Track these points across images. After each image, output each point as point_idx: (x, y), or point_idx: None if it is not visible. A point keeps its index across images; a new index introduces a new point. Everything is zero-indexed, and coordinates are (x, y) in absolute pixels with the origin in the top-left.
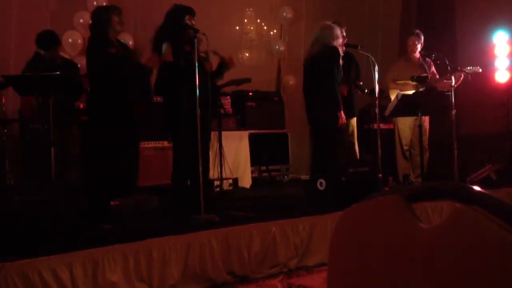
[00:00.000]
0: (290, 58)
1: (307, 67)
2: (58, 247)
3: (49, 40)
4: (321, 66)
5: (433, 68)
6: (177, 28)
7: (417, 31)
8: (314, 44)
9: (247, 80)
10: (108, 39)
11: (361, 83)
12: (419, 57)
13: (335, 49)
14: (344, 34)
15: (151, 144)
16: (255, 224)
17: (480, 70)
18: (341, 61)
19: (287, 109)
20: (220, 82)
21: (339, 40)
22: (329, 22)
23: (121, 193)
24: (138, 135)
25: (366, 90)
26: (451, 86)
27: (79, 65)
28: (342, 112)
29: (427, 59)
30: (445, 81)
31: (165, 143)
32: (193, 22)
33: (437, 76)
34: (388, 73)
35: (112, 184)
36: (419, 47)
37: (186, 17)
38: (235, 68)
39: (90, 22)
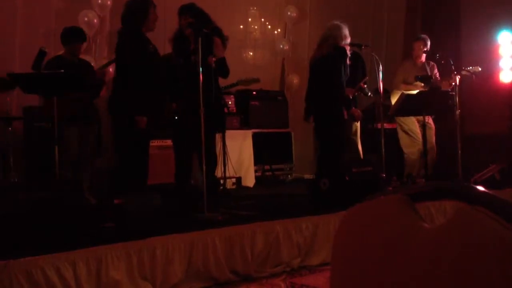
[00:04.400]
0: (294, 58)
1: (314, 67)
2: (62, 245)
3: (68, 36)
4: (329, 67)
5: (435, 71)
6: (178, 29)
7: (424, 35)
8: (323, 44)
9: (256, 80)
10: (144, 36)
11: (365, 85)
12: (422, 61)
13: (344, 50)
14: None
15: (155, 142)
16: (258, 223)
17: (480, 69)
18: (348, 61)
19: (290, 108)
20: (228, 82)
21: (347, 40)
22: (337, 22)
23: (128, 192)
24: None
25: (369, 94)
26: (451, 86)
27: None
28: (354, 108)
29: (430, 62)
30: (444, 82)
31: (169, 142)
32: (190, 20)
33: (439, 79)
34: (398, 76)
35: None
36: (424, 51)
37: (181, 17)
38: (239, 66)
39: (125, 12)
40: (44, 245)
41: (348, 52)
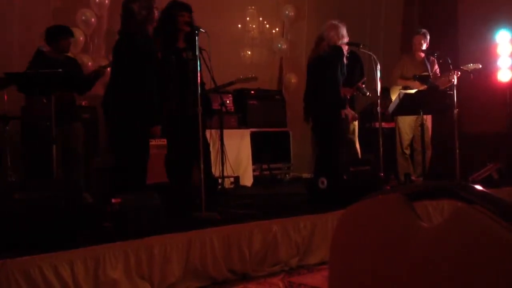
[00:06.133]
0: (292, 57)
1: (311, 66)
2: (60, 244)
3: (55, 33)
4: (326, 66)
5: (436, 67)
6: (169, 24)
7: (424, 30)
8: (319, 43)
9: (254, 79)
10: (151, 38)
11: (364, 85)
12: (423, 56)
13: (340, 49)
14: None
15: (153, 142)
16: (256, 222)
17: (480, 66)
18: (345, 61)
19: (288, 108)
20: (226, 81)
21: (344, 40)
22: (335, 21)
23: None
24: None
25: (368, 93)
26: (450, 82)
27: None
28: (348, 109)
29: (430, 57)
30: (443, 78)
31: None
32: (189, 19)
33: (439, 75)
34: (395, 70)
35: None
36: (424, 46)
37: (181, 13)
38: (237, 65)
39: (127, 10)
40: (42, 244)
41: (345, 52)
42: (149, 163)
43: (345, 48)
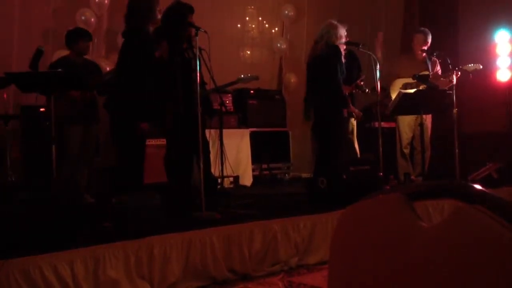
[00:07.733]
0: (292, 56)
1: (312, 66)
2: (60, 244)
3: (73, 36)
4: (325, 66)
5: (437, 67)
6: (178, 26)
7: (425, 29)
8: (318, 42)
9: (255, 78)
10: (151, 36)
11: (362, 83)
12: (424, 55)
13: (338, 48)
14: (345, 33)
15: (153, 141)
16: (256, 222)
17: (481, 67)
18: (343, 60)
19: (288, 107)
20: (227, 81)
21: (342, 40)
22: (334, 21)
23: (126, 191)
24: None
25: (367, 90)
26: (450, 83)
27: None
28: (352, 107)
29: (432, 57)
30: (443, 79)
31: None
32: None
33: (440, 75)
34: (393, 69)
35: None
36: (425, 45)
37: (190, 16)
38: (236, 64)
39: (132, 10)
40: (42, 244)
41: (343, 51)
42: (149, 163)
43: (343, 48)
